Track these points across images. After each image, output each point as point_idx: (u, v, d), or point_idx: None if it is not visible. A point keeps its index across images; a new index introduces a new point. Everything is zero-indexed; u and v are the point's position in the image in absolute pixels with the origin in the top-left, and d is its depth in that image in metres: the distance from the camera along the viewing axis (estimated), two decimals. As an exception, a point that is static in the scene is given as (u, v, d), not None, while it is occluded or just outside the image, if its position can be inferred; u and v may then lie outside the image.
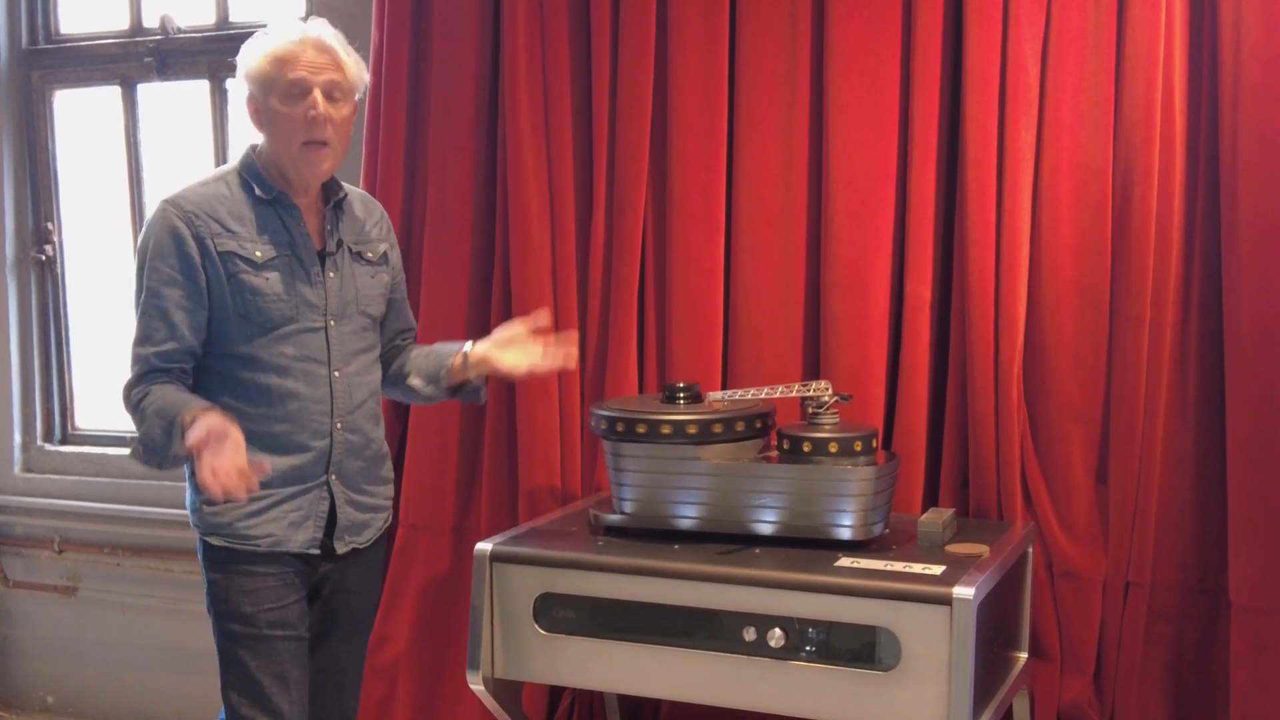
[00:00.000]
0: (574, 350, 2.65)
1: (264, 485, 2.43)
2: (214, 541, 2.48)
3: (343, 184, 2.60)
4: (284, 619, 2.48)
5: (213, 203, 2.44)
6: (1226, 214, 2.67)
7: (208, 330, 2.44)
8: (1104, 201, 2.78)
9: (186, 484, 2.52)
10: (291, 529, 2.48)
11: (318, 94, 2.42)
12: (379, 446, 2.63)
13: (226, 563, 2.47)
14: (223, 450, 2.22)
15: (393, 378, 2.72)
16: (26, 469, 4.15)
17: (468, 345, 2.66)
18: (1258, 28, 2.60)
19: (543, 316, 2.64)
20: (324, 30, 2.48)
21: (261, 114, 2.46)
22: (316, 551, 2.52)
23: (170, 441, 2.32)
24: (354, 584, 2.63)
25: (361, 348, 2.58)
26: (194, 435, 2.23)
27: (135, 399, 2.40)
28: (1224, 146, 2.67)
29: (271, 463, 2.40)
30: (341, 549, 2.55)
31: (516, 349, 2.61)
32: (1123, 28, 2.74)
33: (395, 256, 2.71)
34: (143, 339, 2.42)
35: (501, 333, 2.65)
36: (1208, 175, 2.74)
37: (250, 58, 2.46)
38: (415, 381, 2.68)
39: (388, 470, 2.69)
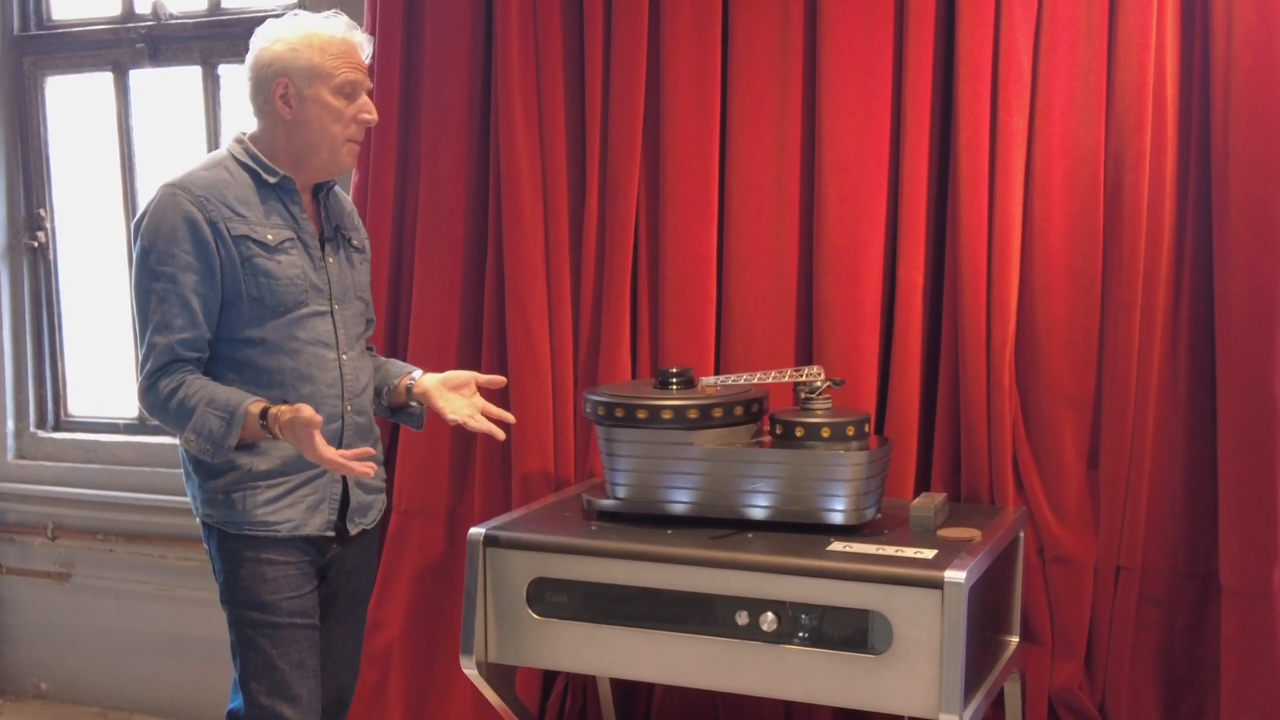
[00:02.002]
0: (511, 422, 2.67)
1: (279, 472, 2.46)
2: (231, 531, 2.46)
3: None
4: (302, 608, 2.49)
5: (219, 187, 2.42)
6: (1218, 199, 2.68)
7: (218, 314, 2.44)
8: (1095, 186, 2.78)
9: (186, 474, 2.52)
10: (309, 513, 2.49)
11: (367, 98, 2.48)
12: (376, 429, 2.66)
13: (244, 551, 2.46)
14: (315, 438, 2.30)
15: None
16: (19, 455, 4.15)
17: (416, 373, 2.67)
18: (1250, 12, 2.60)
19: (499, 381, 2.64)
20: (359, 32, 2.51)
21: (298, 101, 2.43)
22: (331, 534, 2.53)
23: (229, 432, 2.33)
24: (354, 564, 2.66)
25: (360, 332, 2.62)
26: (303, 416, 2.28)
27: (167, 390, 2.37)
28: (1215, 131, 2.67)
29: (284, 448, 2.43)
30: (354, 530, 2.58)
31: (460, 397, 2.61)
32: (1115, 12, 2.74)
33: (368, 247, 2.73)
34: (162, 326, 2.37)
35: (454, 375, 2.64)
36: (1199, 160, 2.74)
37: (291, 45, 2.43)
38: None
39: (381, 453, 2.70)
